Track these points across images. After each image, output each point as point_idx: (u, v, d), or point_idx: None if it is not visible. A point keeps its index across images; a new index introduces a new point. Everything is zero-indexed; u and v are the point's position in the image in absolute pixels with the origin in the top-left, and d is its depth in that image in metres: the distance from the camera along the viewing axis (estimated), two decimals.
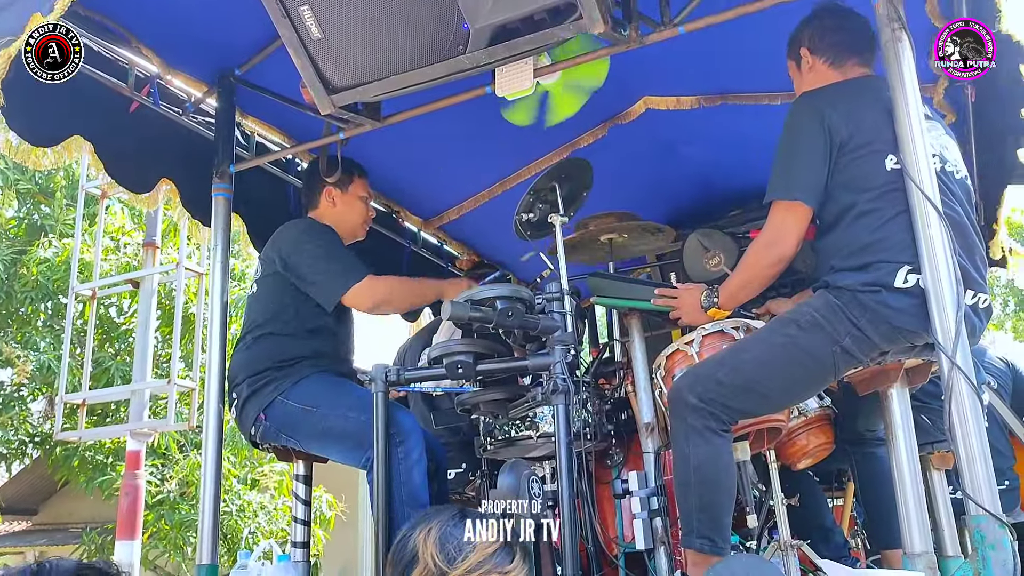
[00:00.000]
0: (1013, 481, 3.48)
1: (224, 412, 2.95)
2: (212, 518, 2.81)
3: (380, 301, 2.80)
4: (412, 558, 1.38)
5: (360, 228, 3.16)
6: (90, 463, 7.96)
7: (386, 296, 2.82)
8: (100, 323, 7.71)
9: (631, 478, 2.60)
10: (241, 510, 7.55)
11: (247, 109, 3.36)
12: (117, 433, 6.99)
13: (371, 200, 3.21)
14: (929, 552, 2.23)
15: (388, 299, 2.83)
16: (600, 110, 3.61)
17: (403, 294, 2.91)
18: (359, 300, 2.78)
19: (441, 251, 4.72)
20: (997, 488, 1.87)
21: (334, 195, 3.06)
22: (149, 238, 5.90)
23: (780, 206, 2.28)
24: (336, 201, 3.07)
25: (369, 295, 2.77)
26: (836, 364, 2.15)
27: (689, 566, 2.27)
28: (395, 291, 2.87)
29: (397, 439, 2.54)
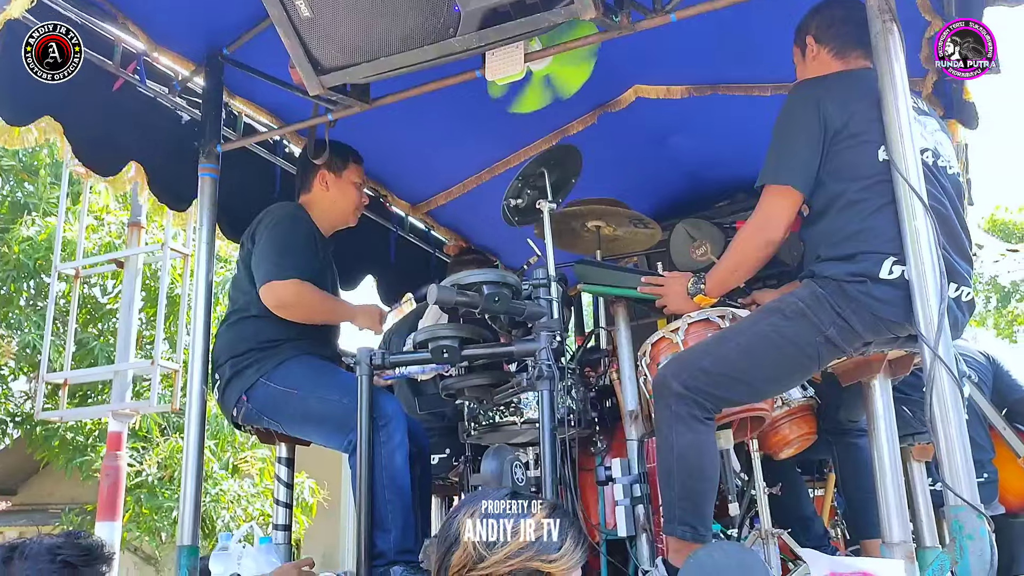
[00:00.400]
0: (992, 474, 3.51)
1: (208, 394, 2.93)
2: (194, 499, 2.80)
3: (283, 304, 2.76)
4: (455, 540, 1.32)
5: (352, 215, 3.14)
6: (71, 444, 7.92)
7: (292, 302, 2.76)
8: (83, 303, 7.65)
9: (614, 465, 2.61)
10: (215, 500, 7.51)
11: (234, 89, 3.32)
12: (99, 414, 6.94)
13: (364, 186, 3.19)
14: (908, 542, 2.25)
15: (293, 305, 2.77)
16: (591, 97, 3.60)
17: (311, 307, 2.83)
18: (267, 296, 2.75)
19: (428, 236, 4.70)
20: (976, 480, 1.89)
21: (328, 179, 3.05)
22: (134, 218, 5.85)
23: (771, 191, 2.28)
24: (329, 185, 3.05)
25: (275, 295, 2.74)
26: (820, 354, 2.16)
27: (670, 553, 2.28)
28: (304, 301, 2.78)
29: (379, 422, 2.53)
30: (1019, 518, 3.79)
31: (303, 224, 2.92)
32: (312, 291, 2.80)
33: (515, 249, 4.46)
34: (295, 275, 2.75)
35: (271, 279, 2.74)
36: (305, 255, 2.85)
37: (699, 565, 1.91)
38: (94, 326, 8.01)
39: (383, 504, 2.50)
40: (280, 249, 2.79)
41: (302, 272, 2.78)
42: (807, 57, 2.49)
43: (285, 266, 2.76)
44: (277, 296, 2.75)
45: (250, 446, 8.00)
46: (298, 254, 2.82)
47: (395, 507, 2.52)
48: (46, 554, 1.52)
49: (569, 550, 1.33)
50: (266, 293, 2.75)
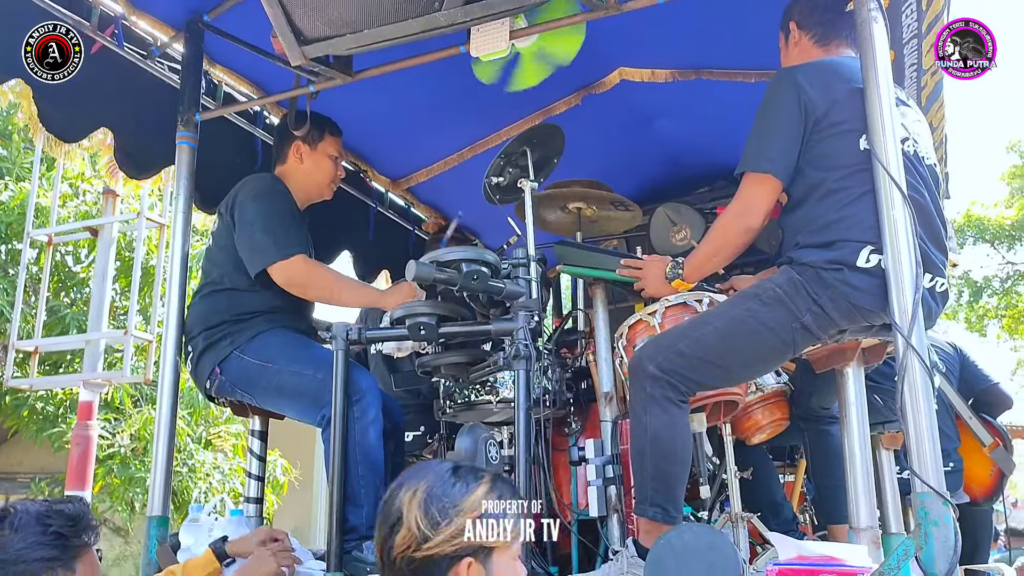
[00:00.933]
0: (957, 463, 3.57)
1: (181, 366, 2.90)
2: (165, 470, 2.78)
3: (295, 283, 2.73)
4: (397, 520, 1.31)
5: (327, 188, 3.10)
6: (41, 413, 7.83)
7: (303, 282, 2.74)
8: (56, 271, 7.55)
9: (588, 446, 2.62)
10: (192, 470, 7.47)
11: (215, 56, 3.28)
12: (70, 383, 6.87)
13: (342, 160, 3.15)
14: (874, 528, 2.28)
15: (304, 284, 2.75)
16: (575, 78, 3.59)
17: (323, 287, 2.80)
18: (278, 274, 2.71)
19: (408, 213, 4.67)
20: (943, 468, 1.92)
21: (302, 151, 3.01)
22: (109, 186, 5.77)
23: (751, 178, 2.28)
24: (303, 157, 3.01)
25: (287, 274, 2.71)
26: (795, 340, 2.17)
27: (641, 534, 2.30)
28: (316, 281, 2.77)
29: (354, 398, 2.52)
30: (982, 506, 3.87)
31: (284, 196, 2.89)
32: (325, 271, 2.81)
33: (495, 228, 4.45)
34: (298, 250, 2.72)
35: (277, 259, 2.70)
36: (297, 228, 2.82)
37: (669, 546, 1.93)
38: (66, 295, 7.91)
39: (356, 479, 2.50)
40: (275, 225, 2.75)
41: (303, 246, 2.76)
42: (789, 43, 2.50)
43: (285, 243, 2.72)
44: (286, 276, 2.71)
45: (224, 420, 7.95)
46: (290, 227, 2.78)
47: (368, 483, 2.52)
48: (36, 525, 1.50)
49: (512, 523, 1.34)
50: (277, 272, 2.71)
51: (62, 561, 1.48)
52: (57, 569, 1.48)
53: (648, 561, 1.95)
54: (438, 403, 2.84)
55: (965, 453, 3.65)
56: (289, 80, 2.91)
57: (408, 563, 1.30)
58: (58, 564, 1.48)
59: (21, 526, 1.48)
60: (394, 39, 2.38)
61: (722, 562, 1.87)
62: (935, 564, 1.77)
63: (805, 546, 1.94)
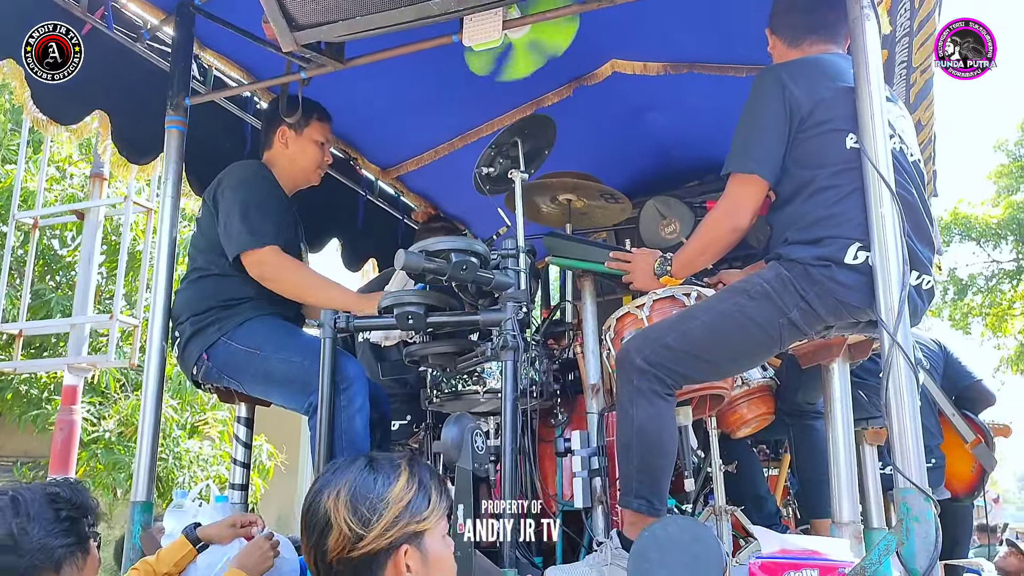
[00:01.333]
0: (940, 460, 3.60)
1: (167, 351, 2.89)
2: (149, 455, 2.77)
3: (265, 276, 2.72)
4: (325, 524, 1.31)
5: (313, 173, 3.07)
6: (25, 397, 7.79)
7: (273, 275, 2.72)
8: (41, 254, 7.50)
9: (574, 437, 2.63)
10: (178, 458, 7.46)
11: (205, 41, 3.25)
12: (55, 366, 6.84)
13: (330, 146, 3.13)
14: (856, 522, 2.30)
15: (274, 278, 2.73)
16: (567, 70, 3.59)
17: (294, 283, 2.76)
18: (249, 264, 2.71)
19: (397, 202, 4.66)
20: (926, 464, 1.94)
21: (287, 136, 3.00)
22: (96, 169, 5.72)
23: (738, 178, 2.29)
24: (289, 143, 3.00)
25: (258, 264, 2.70)
26: (782, 335, 2.18)
27: (625, 525, 2.31)
28: (286, 275, 2.73)
29: (341, 386, 2.52)
30: (963, 502, 3.91)
31: (267, 183, 2.87)
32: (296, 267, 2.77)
33: (485, 219, 4.45)
34: (270, 242, 2.71)
35: (249, 247, 2.69)
36: (276, 217, 2.80)
37: (653, 538, 1.94)
38: (52, 278, 7.86)
39: None
40: (252, 213, 2.73)
41: (277, 237, 2.74)
42: (769, 49, 2.52)
43: (260, 232, 2.70)
44: (258, 267, 2.70)
45: (210, 407, 7.93)
46: (270, 217, 2.77)
47: None
48: (49, 510, 1.52)
49: (436, 502, 1.37)
50: (248, 261, 2.70)
51: (80, 544, 1.52)
52: (77, 553, 1.51)
53: (632, 553, 1.96)
54: (425, 392, 2.84)
55: (947, 449, 3.68)
56: (280, 66, 2.90)
57: (346, 563, 1.30)
58: (77, 548, 1.51)
59: (35, 516, 1.50)
60: (386, 27, 2.37)
61: (705, 554, 1.88)
62: (916, 559, 1.79)
63: (787, 540, 1.95)
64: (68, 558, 1.49)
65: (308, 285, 2.79)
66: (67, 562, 1.50)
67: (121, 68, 3.14)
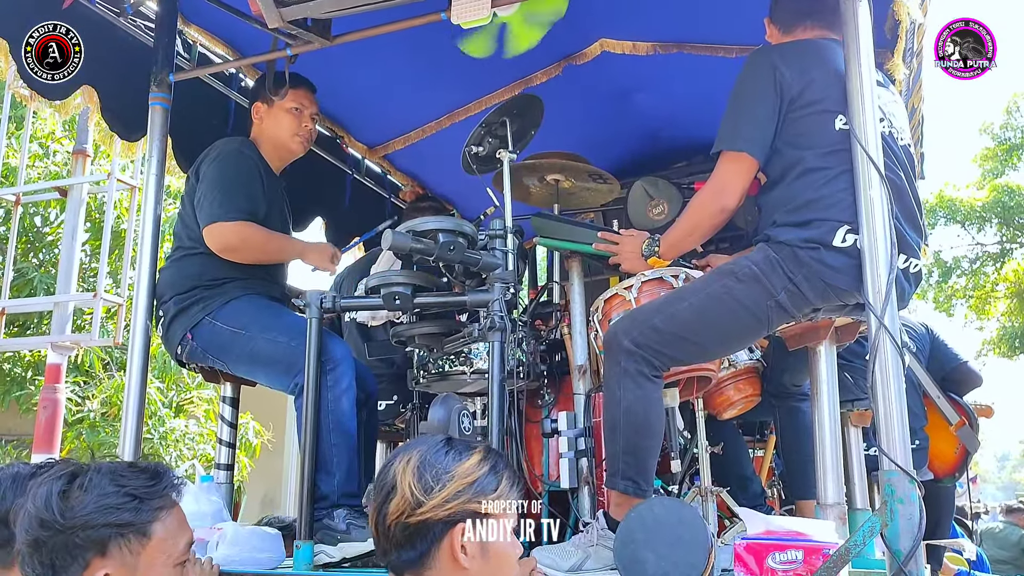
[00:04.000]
0: (923, 441, 3.63)
1: (152, 331, 2.86)
2: (134, 436, 2.75)
3: (229, 247, 2.72)
4: (391, 488, 1.32)
5: (291, 141, 3.01)
6: (8, 375, 7.74)
7: (237, 244, 2.72)
8: (24, 232, 7.41)
9: (561, 418, 2.63)
10: (164, 437, 7.42)
11: (190, 16, 3.20)
12: (38, 345, 6.77)
13: (309, 111, 3.04)
14: (841, 504, 2.32)
15: (238, 247, 2.73)
16: (556, 48, 3.55)
17: (257, 248, 2.78)
18: (212, 238, 2.70)
19: (384, 181, 4.62)
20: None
21: (261, 111, 2.99)
22: (79, 145, 5.64)
23: (727, 157, 2.29)
24: (263, 117, 2.99)
25: (219, 238, 2.69)
26: (770, 317, 2.19)
27: (611, 506, 2.32)
28: (249, 243, 2.74)
29: (327, 366, 2.51)
30: (945, 483, 3.95)
31: (247, 160, 2.84)
32: (257, 231, 2.74)
33: (472, 198, 4.42)
34: (240, 216, 2.70)
35: (215, 220, 2.68)
36: (250, 193, 2.78)
37: (639, 519, 1.95)
38: (35, 256, 7.78)
39: (328, 448, 2.49)
40: (225, 188, 2.72)
41: (248, 212, 2.72)
42: (766, 37, 2.53)
43: (229, 207, 2.69)
44: (222, 239, 2.69)
45: (196, 386, 7.89)
46: (243, 193, 2.75)
47: (340, 451, 2.51)
48: (110, 485, 1.33)
49: (505, 490, 1.36)
50: (210, 236, 2.69)
51: (135, 527, 1.32)
52: (129, 535, 1.31)
53: (618, 533, 1.97)
54: (412, 373, 2.83)
55: (931, 431, 3.71)
56: (266, 43, 2.86)
57: (403, 529, 1.31)
58: (130, 530, 1.31)
59: (91, 486, 1.32)
60: (373, 3, 2.35)
61: (691, 535, 1.89)
62: (900, 541, 1.80)
63: (773, 521, 1.96)
64: (116, 539, 1.30)
65: (270, 246, 2.83)
66: (115, 544, 1.30)
67: (108, 43, 3.08)
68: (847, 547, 1.78)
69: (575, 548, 2.23)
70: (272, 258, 2.89)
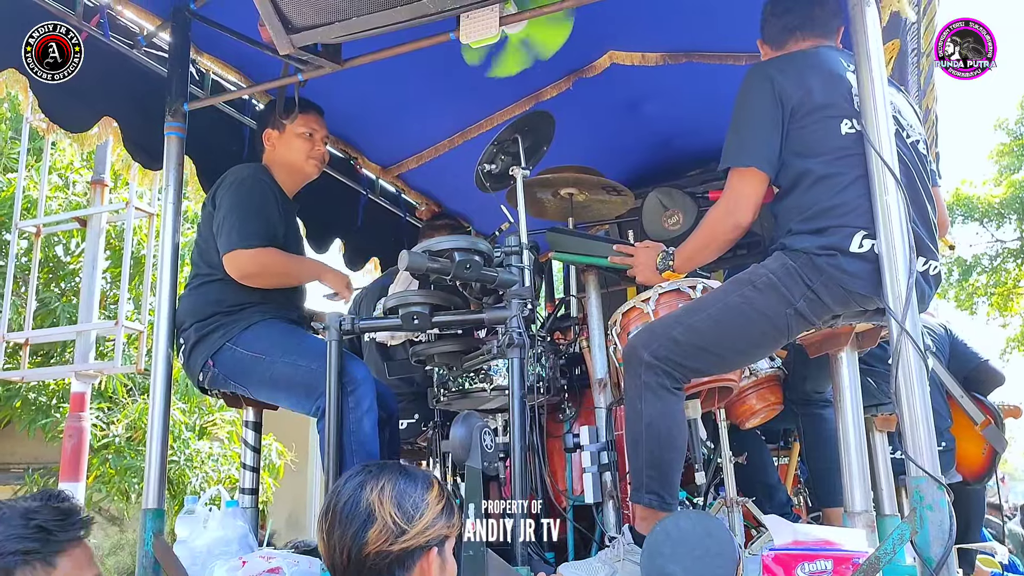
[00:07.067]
0: (950, 443, 3.59)
1: (173, 357, 2.89)
2: (159, 462, 2.77)
3: (248, 274, 2.73)
4: (367, 517, 1.37)
5: (304, 164, 3.03)
6: (33, 404, 7.80)
7: (256, 271, 2.74)
8: (46, 262, 7.50)
9: (582, 432, 2.62)
10: (189, 460, 7.46)
11: (202, 46, 3.24)
12: (62, 374, 6.83)
13: (320, 135, 3.07)
14: (869, 511, 2.29)
15: (258, 274, 2.75)
16: (565, 62, 3.56)
17: (277, 274, 2.81)
18: (233, 265, 2.71)
19: (399, 200, 4.65)
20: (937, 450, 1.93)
21: (272, 138, 3.01)
22: (97, 176, 5.72)
23: (737, 173, 2.29)
24: (275, 143, 3.01)
25: (238, 266, 2.71)
26: (789, 326, 2.18)
27: (637, 521, 2.31)
28: (268, 269, 2.76)
29: (348, 388, 2.52)
30: (973, 485, 3.90)
31: (263, 185, 2.86)
32: (276, 257, 2.76)
33: (487, 214, 4.43)
34: (258, 243, 2.71)
35: (235, 248, 2.70)
36: (267, 219, 2.80)
37: (665, 533, 1.93)
38: (56, 285, 7.86)
39: None
40: (241, 215, 2.74)
41: (266, 238, 2.74)
42: (762, 58, 2.54)
43: (247, 234, 2.71)
44: (242, 266, 2.71)
45: (218, 408, 7.94)
46: (260, 218, 2.77)
47: None
48: (19, 518, 1.47)
49: (458, 514, 1.49)
50: (230, 263, 2.71)
51: (41, 555, 1.45)
52: (35, 563, 1.44)
53: (645, 548, 1.96)
54: (432, 391, 2.83)
55: (957, 432, 3.67)
56: (277, 67, 2.89)
57: (383, 557, 1.36)
58: (36, 558, 1.44)
59: (3, 519, 1.46)
60: (383, 27, 2.36)
61: (719, 548, 1.88)
62: (930, 548, 1.78)
63: (800, 529, 1.95)
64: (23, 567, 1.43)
65: (292, 268, 2.88)
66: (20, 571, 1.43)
67: (126, 74, 3.14)
68: (877, 556, 1.77)
69: (602, 563, 2.22)
70: (292, 281, 2.92)
